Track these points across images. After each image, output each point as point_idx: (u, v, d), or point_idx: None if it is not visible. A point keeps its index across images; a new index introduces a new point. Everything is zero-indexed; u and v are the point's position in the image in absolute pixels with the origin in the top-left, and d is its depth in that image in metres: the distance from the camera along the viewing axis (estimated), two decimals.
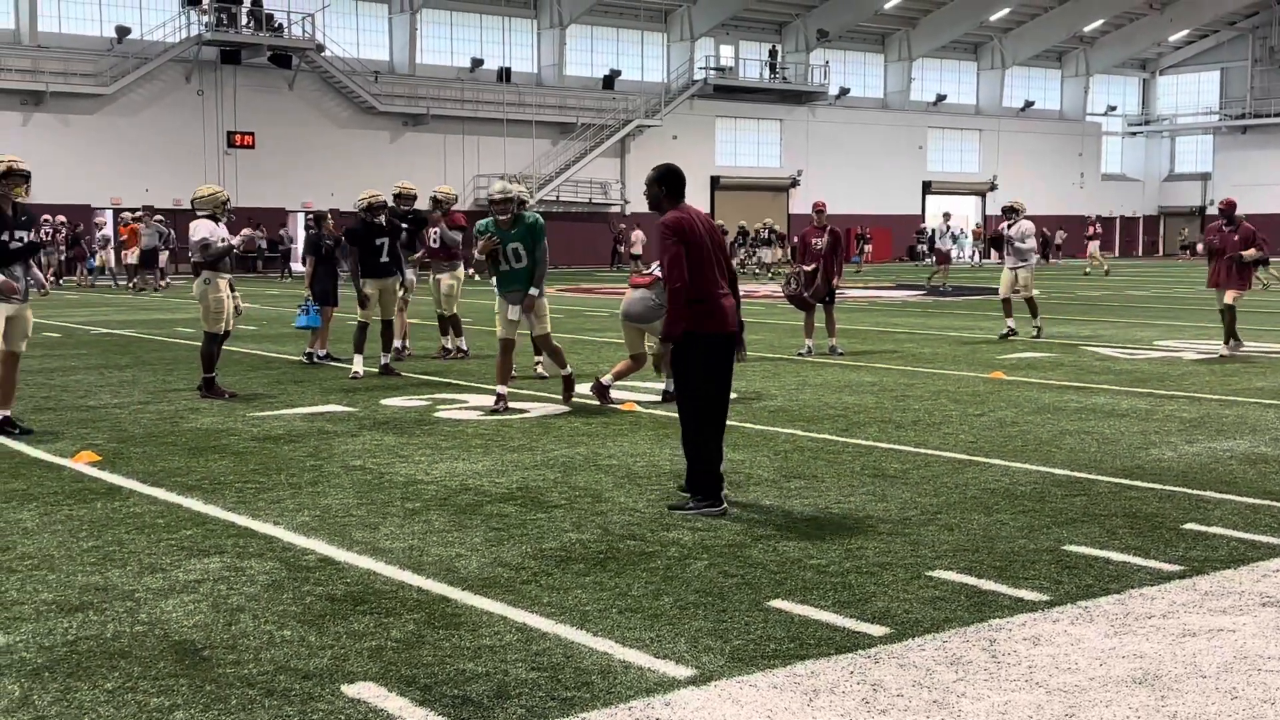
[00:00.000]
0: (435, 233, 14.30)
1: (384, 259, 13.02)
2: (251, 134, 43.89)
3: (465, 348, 14.78)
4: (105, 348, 16.26)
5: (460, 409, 10.66)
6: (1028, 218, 17.54)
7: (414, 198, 14.47)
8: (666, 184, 6.88)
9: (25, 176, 9.14)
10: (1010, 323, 17.38)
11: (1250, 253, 14.79)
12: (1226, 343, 15.09)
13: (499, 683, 4.24)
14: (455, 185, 42.46)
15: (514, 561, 5.76)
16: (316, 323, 14.35)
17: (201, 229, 11.17)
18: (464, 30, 50.47)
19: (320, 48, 44.30)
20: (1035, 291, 17.54)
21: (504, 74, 49.91)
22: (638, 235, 44.07)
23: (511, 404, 10.81)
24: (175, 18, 42.94)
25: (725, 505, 6.72)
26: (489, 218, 10.60)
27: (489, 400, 11.14)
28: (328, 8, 45.31)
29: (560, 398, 11.01)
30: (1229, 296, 14.93)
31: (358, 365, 12.86)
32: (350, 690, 4.18)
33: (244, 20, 43.34)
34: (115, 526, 6.44)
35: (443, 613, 5.00)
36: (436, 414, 10.36)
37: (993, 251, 37.79)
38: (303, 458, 8.39)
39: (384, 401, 11.05)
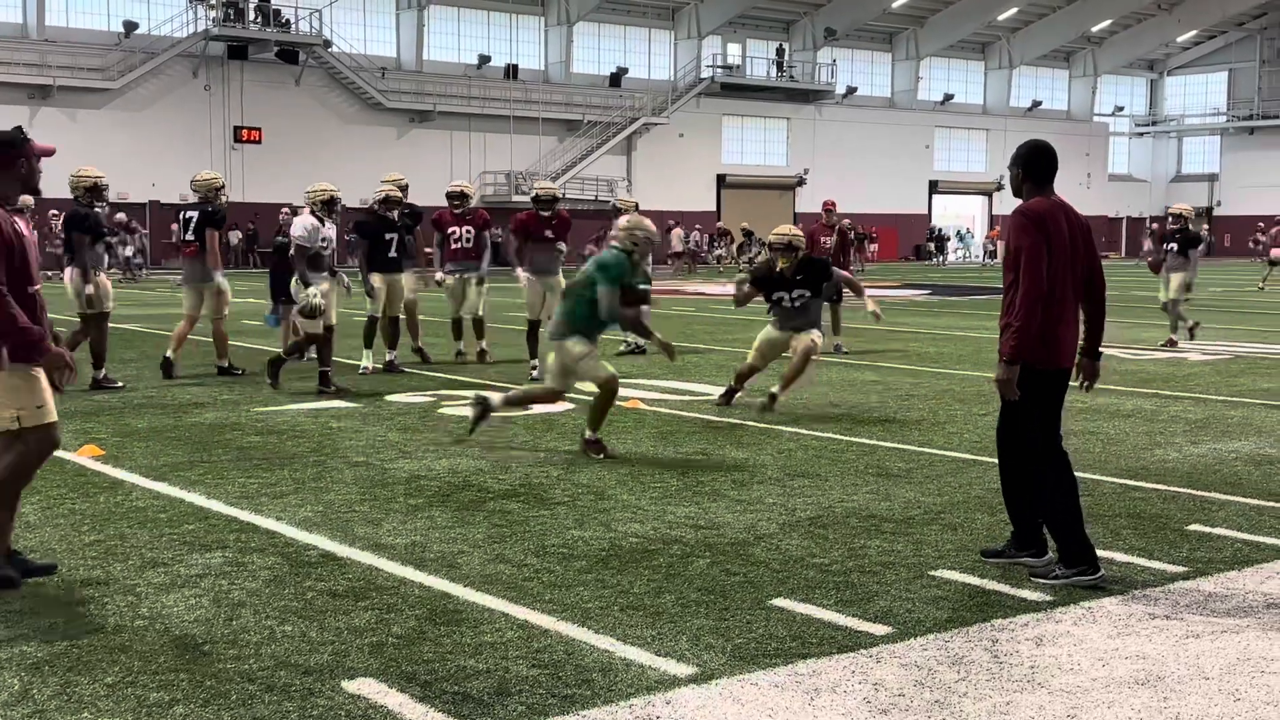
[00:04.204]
0: (469, 231, 13.74)
1: (392, 254, 12.92)
2: (258, 129, 43.94)
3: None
4: (110, 341, 16.21)
5: (465, 405, 10.64)
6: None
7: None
8: (1024, 166, 5.65)
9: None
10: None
11: None
12: None
13: (500, 680, 4.23)
14: (462, 181, 42.43)
15: (516, 558, 5.75)
16: (273, 323, 14.22)
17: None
18: (471, 27, 50.46)
19: (327, 43, 44.33)
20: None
21: (511, 71, 49.90)
22: (678, 233, 43.73)
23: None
24: (183, 12, 42.98)
25: (1103, 571, 5.43)
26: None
27: (494, 397, 11.12)
28: (335, 3, 45.33)
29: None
30: None
31: (366, 360, 12.84)
32: (350, 686, 4.17)
33: (251, 15, 43.37)
34: (117, 521, 6.44)
35: (444, 609, 4.99)
36: (441, 410, 10.36)
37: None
38: (306, 453, 8.39)
39: (389, 398, 11.05)
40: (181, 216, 12.58)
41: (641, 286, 9.00)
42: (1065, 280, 5.52)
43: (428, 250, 14.61)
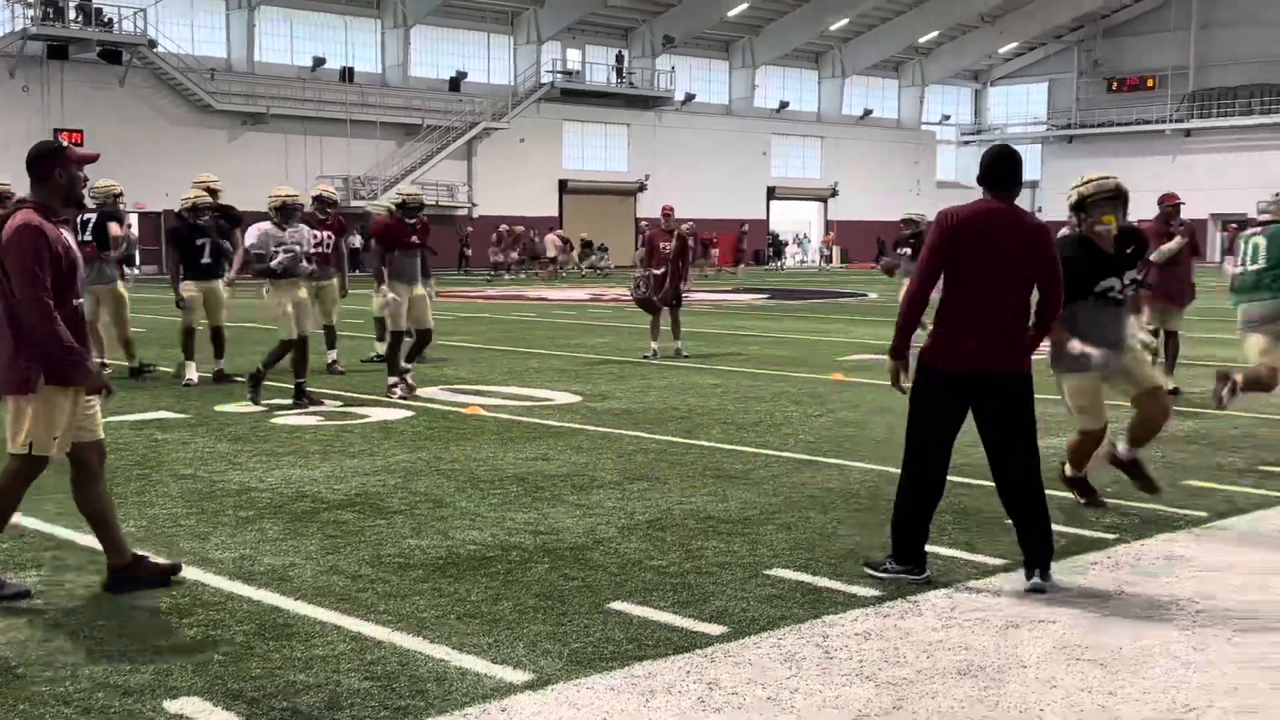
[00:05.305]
0: (330, 237, 13.36)
1: (205, 260, 12.53)
2: (81, 132, 42.14)
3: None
4: None
5: (299, 415, 10.42)
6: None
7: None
8: (983, 169, 5.57)
9: None
10: None
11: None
12: (1172, 371, 11.84)
13: (330, 694, 4.15)
14: (298, 186, 41.54)
15: (350, 569, 5.65)
16: None
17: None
18: (304, 28, 49.39)
19: (152, 44, 42.85)
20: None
21: (347, 74, 49.05)
22: (551, 238, 43.88)
23: (351, 408, 10.62)
24: None
25: (928, 573, 5.54)
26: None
27: (328, 406, 10.93)
28: (160, 3, 43.87)
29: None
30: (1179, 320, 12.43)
31: (190, 373, 12.41)
32: (172, 706, 4.03)
33: (72, 14, 41.68)
34: None
35: (273, 623, 4.87)
36: (273, 420, 10.11)
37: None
38: (129, 466, 8.09)
39: (218, 408, 10.73)
40: (78, 220, 12.67)
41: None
42: (986, 283, 5.41)
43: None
